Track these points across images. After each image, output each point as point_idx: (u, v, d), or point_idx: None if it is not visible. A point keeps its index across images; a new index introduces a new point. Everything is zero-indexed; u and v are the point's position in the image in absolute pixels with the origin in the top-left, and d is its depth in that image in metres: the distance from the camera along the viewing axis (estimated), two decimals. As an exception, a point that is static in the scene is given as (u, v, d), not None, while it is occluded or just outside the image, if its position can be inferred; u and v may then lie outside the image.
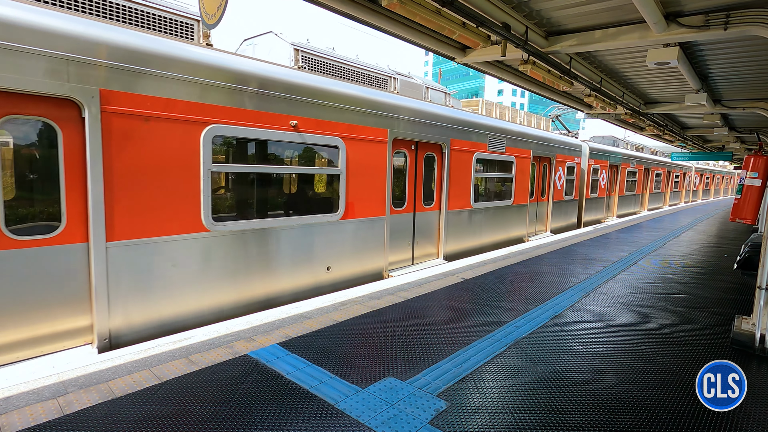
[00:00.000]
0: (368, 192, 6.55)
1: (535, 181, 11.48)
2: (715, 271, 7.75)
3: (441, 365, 3.61)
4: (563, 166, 12.68)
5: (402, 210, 7.32)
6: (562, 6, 5.40)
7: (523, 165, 10.53)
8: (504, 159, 9.76)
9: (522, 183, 10.59)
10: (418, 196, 7.60)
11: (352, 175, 6.20)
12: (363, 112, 6.30)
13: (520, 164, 10.42)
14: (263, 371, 3.42)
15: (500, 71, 7.98)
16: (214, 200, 4.73)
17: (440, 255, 8.17)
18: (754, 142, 16.99)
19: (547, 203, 12.28)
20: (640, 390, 3.32)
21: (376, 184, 6.65)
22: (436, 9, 4.93)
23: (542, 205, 12.12)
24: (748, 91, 9.17)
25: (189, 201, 4.50)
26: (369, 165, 6.51)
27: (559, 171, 12.46)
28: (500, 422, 2.84)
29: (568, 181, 13.11)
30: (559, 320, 4.80)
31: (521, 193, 10.60)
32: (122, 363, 3.45)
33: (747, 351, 4.12)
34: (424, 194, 7.80)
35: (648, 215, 18.72)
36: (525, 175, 10.67)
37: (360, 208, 6.42)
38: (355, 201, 6.30)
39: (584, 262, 7.98)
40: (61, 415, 2.73)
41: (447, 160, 7.95)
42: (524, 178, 10.68)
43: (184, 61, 4.36)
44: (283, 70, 5.52)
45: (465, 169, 8.51)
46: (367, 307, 5.01)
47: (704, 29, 5.14)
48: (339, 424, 2.76)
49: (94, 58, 3.79)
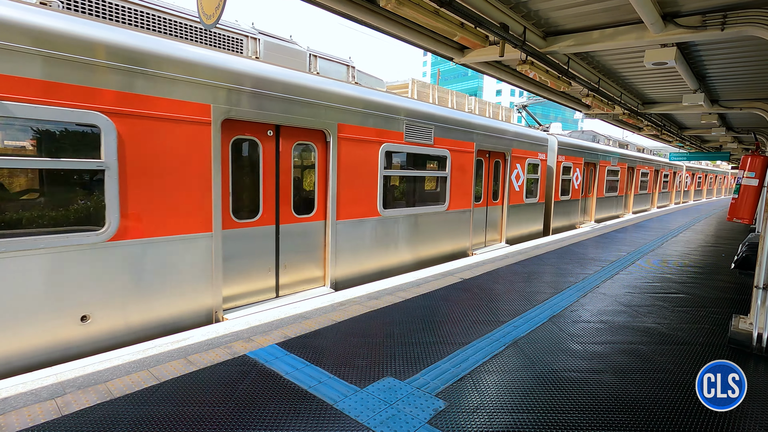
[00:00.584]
0: (168, 202, 4.40)
1: (485, 181, 9.51)
2: (712, 270, 7.78)
3: (439, 365, 3.61)
4: (522, 162, 10.60)
5: (255, 222, 5.28)
6: (560, 6, 5.42)
7: (462, 161, 8.42)
8: (432, 153, 7.79)
9: (461, 183, 8.50)
10: (283, 201, 5.54)
11: (131, 172, 4.16)
12: (153, 76, 4.21)
13: (458, 160, 8.32)
14: (262, 371, 3.42)
15: (498, 71, 7.98)
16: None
17: (327, 281, 6.11)
18: (752, 141, 17.05)
19: (502, 208, 10.20)
20: (638, 389, 3.32)
21: (187, 187, 4.51)
22: (435, 9, 4.93)
23: (495, 210, 10.04)
24: (745, 91, 9.20)
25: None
26: (175, 159, 4.42)
27: (516, 169, 10.38)
28: (499, 422, 2.84)
29: (530, 181, 11.08)
30: (558, 320, 4.81)
31: (461, 196, 8.53)
32: (120, 363, 3.45)
33: (744, 350, 4.14)
34: (298, 199, 5.76)
35: (632, 219, 17.04)
36: (465, 174, 8.58)
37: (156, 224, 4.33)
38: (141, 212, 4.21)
39: (582, 262, 7.99)
40: (59, 416, 2.72)
41: (332, 153, 5.92)
42: (465, 178, 8.57)
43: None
44: None
45: (366, 165, 6.53)
46: (366, 307, 5.01)
47: (701, 29, 5.15)
48: (338, 424, 2.76)
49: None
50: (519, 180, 10.56)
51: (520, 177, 10.62)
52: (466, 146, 8.53)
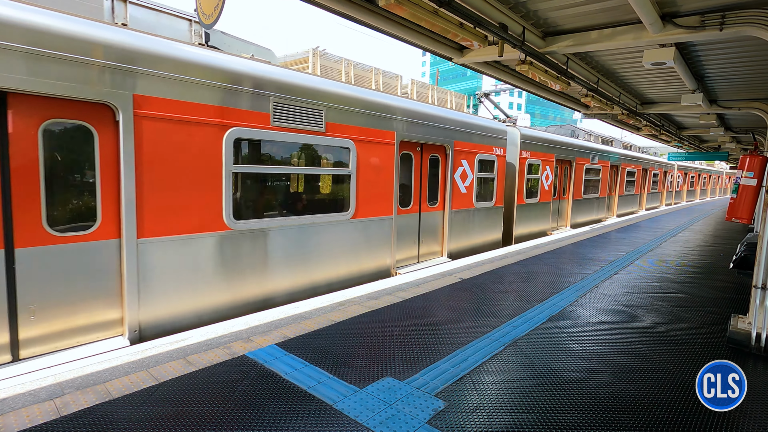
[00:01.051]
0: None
1: (416, 181, 7.71)
2: (711, 270, 7.79)
3: (439, 365, 3.61)
4: (471, 158, 8.76)
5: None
6: (559, 6, 5.42)
7: (376, 155, 6.65)
8: (325, 144, 5.93)
9: (376, 184, 6.72)
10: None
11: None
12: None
13: (370, 153, 6.53)
14: (261, 372, 3.41)
15: (497, 71, 8.00)
16: None
17: (126, 330, 4.20)
18: (750, 141, 17.09)
19: (442, 214, 8.32)
20: (638, 389, 3.33)
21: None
22: (434, 9, 4.94)
23: (433, 216, 8.15)
24: (743, 91, 9.23)
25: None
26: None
27: (462, 166, 8.54)
28: (498, 422, 2.84)
29: (483, 181, 9.27)
30: (557, 320, 4.82)
31: (375, 201, 6.75)
32: (119, 364, 3.44)
33: (743, 350, 4.14)
34: (53, 205, 3.83)
35: (616, 223, 15.25)
36: (382, 172, 6.80)
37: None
38: None
39: (581, 262, 8.00)
40: (57, 417, 2.72)
41: (126, 139, 4.09)
42: (381, 177, 6.80)
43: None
44: None
45: (199, 158, 4.62)
46: (365, 308, 5.01)
47: (700, 30, 5.17)
48: (337, 425, 2.76)
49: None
50: (466, 179, 8.68)
51: (468, 176, 8.71)
52: (381, 136, 6.71)
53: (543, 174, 11.81)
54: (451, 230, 8.46)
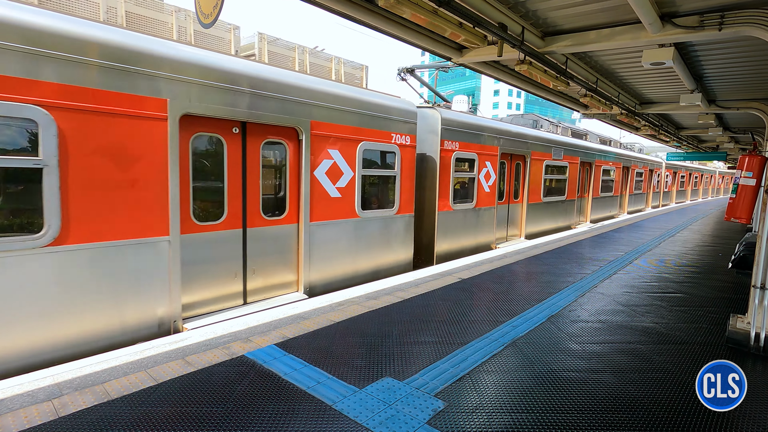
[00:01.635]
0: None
1: (231, 181, 5.09)
2: (710, 270, 7.81)
3: (438, 365, 3.61)
4: (349, 148, 6.34)
5: None
6: (559, 6, 5.42)
7: (108, 139, 3.96)
8: None
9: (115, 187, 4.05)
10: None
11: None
12: None
13: (92, 136, 3.86)
14: (260, 372, 3.40)
15: (497, 71, 8.00)
16: None
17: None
18: (749, 142, 17.13)
19: (296, 228, 5.79)
20: (637, 388, 3.33)
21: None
22: (433, 9, 4.93)
23: (275, 233, 5.60)
24: (742, 91, 9.25)
25: None
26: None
27: (333, 159, 6.09)
28: (498, 422, 2.84)
29: (370, 181, 6.98)
30: (556, 320, 4.82)
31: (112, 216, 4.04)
32: (118, 364, 3.43)
33: (742, 349, 4.15)
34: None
35: (589, 230, 12.68)
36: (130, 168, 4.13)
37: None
38: None
39: (580, 262, 8.00)
40: (56, 417, 2.71)
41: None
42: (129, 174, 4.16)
43: None
44: None
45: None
46: (365, 308, 5.01)
47: (699, 30, 5.17)
48: (336, 425, 2.75)
49: None
50: (340, 178, 6.24)
51: (344, 173, 6.29)
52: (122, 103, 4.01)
53: (482, 172, 9.27)
54: (312, 252, 5.92)
